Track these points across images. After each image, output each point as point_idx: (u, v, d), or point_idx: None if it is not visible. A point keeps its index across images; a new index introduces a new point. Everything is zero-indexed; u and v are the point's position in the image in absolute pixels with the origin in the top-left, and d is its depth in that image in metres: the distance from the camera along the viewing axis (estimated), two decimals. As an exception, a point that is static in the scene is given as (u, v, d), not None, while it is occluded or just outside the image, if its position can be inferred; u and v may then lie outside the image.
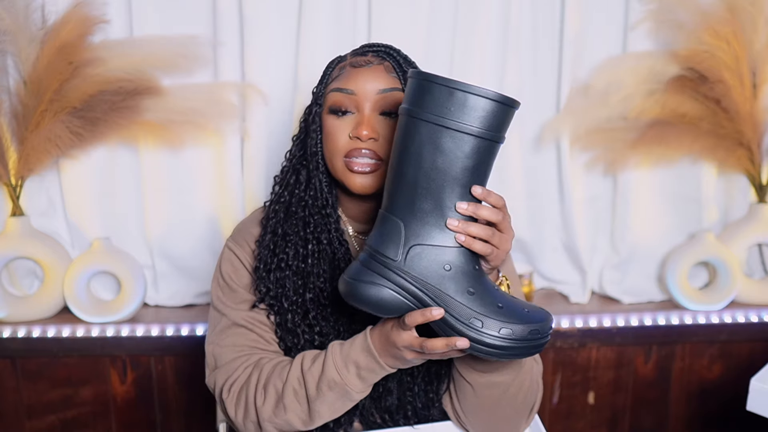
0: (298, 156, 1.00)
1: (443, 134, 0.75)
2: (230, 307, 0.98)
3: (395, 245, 0.78)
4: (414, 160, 0.76)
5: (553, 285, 1.82)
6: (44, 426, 1.63)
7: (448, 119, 0.74)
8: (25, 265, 1.67)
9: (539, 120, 1.69)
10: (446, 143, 0.75)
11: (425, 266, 0.78)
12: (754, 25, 1.58)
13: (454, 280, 0.77)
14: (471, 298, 0.77)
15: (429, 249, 0.78)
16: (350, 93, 0.91)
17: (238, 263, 1.00)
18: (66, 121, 1.49)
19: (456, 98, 0.74)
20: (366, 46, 0.97)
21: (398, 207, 0.79)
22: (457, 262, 0.78)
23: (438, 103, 0.74)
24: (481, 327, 0.76)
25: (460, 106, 0.74)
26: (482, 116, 0.74)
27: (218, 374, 0.96)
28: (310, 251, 0.97)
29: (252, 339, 0.96)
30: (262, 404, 0.90)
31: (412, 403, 1.01)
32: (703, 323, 1.67)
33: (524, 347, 0.77)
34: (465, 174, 0.76)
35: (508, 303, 0.78)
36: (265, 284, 0.97)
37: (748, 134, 1.63)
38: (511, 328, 0.76)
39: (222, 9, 1.54)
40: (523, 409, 0.97)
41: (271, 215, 0.99)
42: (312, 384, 0.88)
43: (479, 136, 0.75)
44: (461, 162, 0.75)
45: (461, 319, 0.76)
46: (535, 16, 1.65)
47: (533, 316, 0.78)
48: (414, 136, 0.76)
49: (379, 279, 0.79)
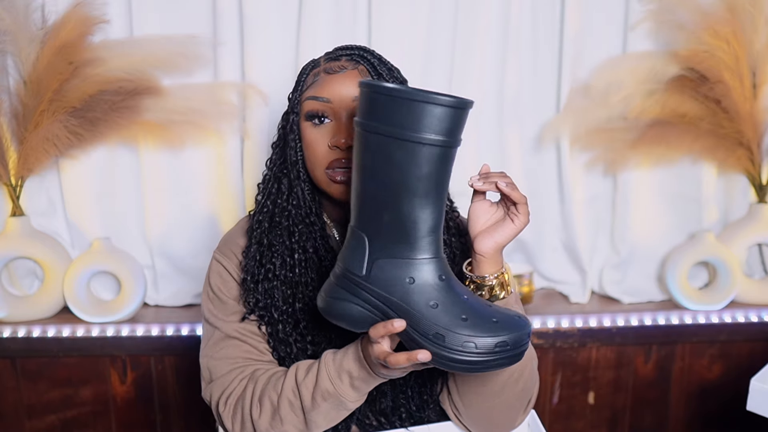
0: (278, 164, 0.99)
1: (393, 146, 0.71)
2: (222, 319, 0.97)
3: (360, 260, 0.77)
4: (370, 174, 0.74)
5: (553, 285, 1.82)
6: (44, 426, 1.63)
7: (397, 130, 0.70)
8: (25, 265, 1.67)
9: (539, 120, 1.69)
10: (397, 155, 0.71)
11: (388, 280, 0.76)
12: (754, 25, 1.58)
13: (418, 293, 0.75)
14: (434, 312, 0.74)
15: (392, 262, 0.76)
16: (326, 101, 0.90)
17: (226, 275, 0.99)
18: (66, 121, 1.49)
19: (403, 107, 0.70)
20: (339, 49, 0.95)
21: (362, 221, 0.77)
22: (421, 274, 0.75)
23: (386, 114, 0.71)
24: (444, 341, 0.73)
25: (408, 115, 0.70)
26: (433, 123, 0.70)
27: (214, 387, 0.95)
28: (297, 261, 0.96)
29: (245, 350, 0.96)
30: (258, 417, 0.90)
31: (406, 406, 1.00)
32: (703, 323, 1.67)
33: (492, 360, 0.72)
34: (421, 184, 0.73)
35: (475, 314, 0.74)
36: (254, 295, 0.96)
37: (748, 134, 1.63)
38: (475, 341, 0.72)
39: (222, 9, 1.54)
40: (524, 398, 0.97)
41: (256, 225, 0.98)
42: (307, 395, 0.87)
43: (432, 144, 0.71)
44: (415, 173, 0.72)
45: (424, 333, 0.74)
46: (535, 16, 1.65)
47: (502, 327, 0.73)
48: (367, 149, 0.73)
49: (347, 295, 0.78)
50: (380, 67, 0.92)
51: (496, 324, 0.73)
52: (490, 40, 1.62)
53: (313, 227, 0.96)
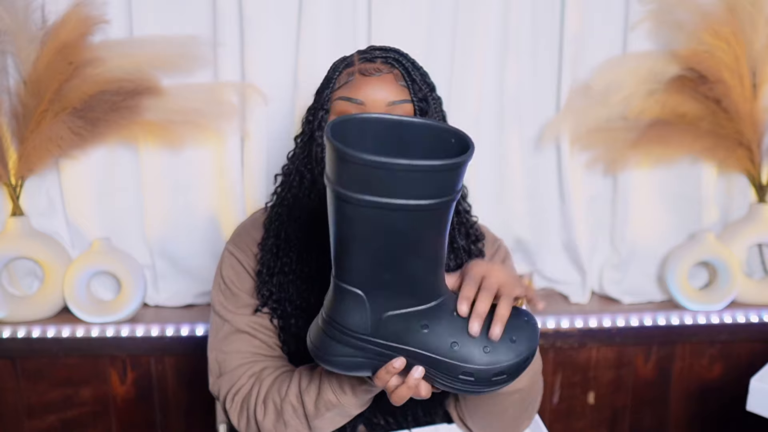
0: (301, 158, 0.98)
1: (394, 216, 0.62)
2: (232, 312, 0.97)
3: (360, 318, 0.70)
4: (362, 242, 0.65)
5: (553, 285, 1.82)
6: (44, 426, 1.63)
7: (402, 200, 0.61)
8: (25, 265, 1.67)
9: (539, 120, 1.69)
10: (399, 223, 0.63)
11: (400, 332, 0.70)
12: (754, 25, 1.58)
13: (435, 336, 0.70)
14: (456, 351, 0.70)
15: (401, 315, 0.70)
16: (359, 103, 0.89)
17: (239, 267, 0.99)
18: (66, 121, 1.49)
19: (399, 175, 0.60)
20: (374, 49, 0.94)
21: (354, 278, 0.69)
22: (434, 319, 0.70)
23: (381, 182, 0.60)
24: (473, 379, 0.70)
25: (407, 181, 0.60)
26: (435, 183, 0.61)
27: (222, 382, 0.95)
28: (314, 256, 0.95)
29: (255, 345, 0.95)
30: (263, 418, 0.90)
31: (413, 409, 1.01)
32: (703, 323, 1.67)
33: (517, 376, 0.73)
34: (425, 244, 0.66)
35: (494, 344, 0.71)
36: (268, 288, 0.96)
37: (748, 134, 1.63)
38: (504, 368, 0.70)
39: (222, 9, 1.54)
40: (531, 410, 0.97)
41: (274, 218, 0.98)
42: (310, 403, 0.87)
43: (435, 208, 0.63)
44: (420, 235, 0.65)
45: (450, 374, 0.70)
46: (535, 16, 1.65)
47: (521, 347, 0.72)
48: (356, 219, 0.64)
49: (346, 350, 0.72)
50: (414, 73, 0.91)
51: (514, 344, 0.72)
52: (490, 40, 1.62)
53: None
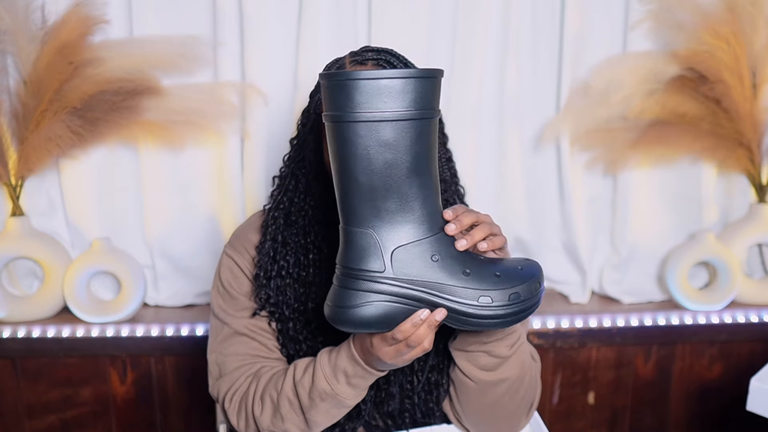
0: (296, 161, 0.98)
1: (385, 128, 0.71)
2: (231, 315, 0.97)
3: (375, 256, 0.74)
4: (363, 165, 0.73)
5: (553, 285, 1.82)
6: (44, 426, 1.63)
7: (387, 111, 0.71)
8: (25, 265, 1.67)
9: (539, 120, 1.69)
10: (391, 136, 0.72)
11: (414, 265, 0.75)
12: (754, 25, 1.58)
13: (446, 267, 0.75)
14: (469, 278, 0.75)
15: (411, 247, 0.75)
16: None
17: (237, 270, 0.99)
18: (66, 120, 1.49)
19: (386, 87, 0.70)
20: (367, 50, 0.94)
21: (362, 217, 0.75)
22: (442, 248, 0.76)
23: (370, 99, 0.71)
24: (492, 302, 0.75)
25: (393, 94, 0.70)
26: (416, 97, 0.71)
27: (221, 384, 0.96)
28: (311, 260, 0.96)
29: (254, 347, 0.96)
30: (260, 414, 0.90)
31: (411, 411, 1.01)
32: (703, 323, 1.67)
33: (533, 304, 0.78)
34: (417, 160, 0.73)
35: (504, 269, 0.77)
36: (266, 291, 0.96)
37: (748, 134, 1.63)
38: (518, 290, 0.76)
39: (222, 9, 1.54)
40: (524, 405, 0.97)
41: (271, 222, 0.98)
42: (304, 395, 0.87)
43: (420, 118, 0.72)
44: (411, 150, 0.73)
45: (469, 302, 0.75)
46: (535, 16, 1.65)
47: (528, 272, 0.78)
48: (355, 140, 0.72)
49: (367, 296, 0.75)
50: None
51: (522, 271, 0.77)
52: (490, 40, 1.62)
53: (330, 228, 0.95)
